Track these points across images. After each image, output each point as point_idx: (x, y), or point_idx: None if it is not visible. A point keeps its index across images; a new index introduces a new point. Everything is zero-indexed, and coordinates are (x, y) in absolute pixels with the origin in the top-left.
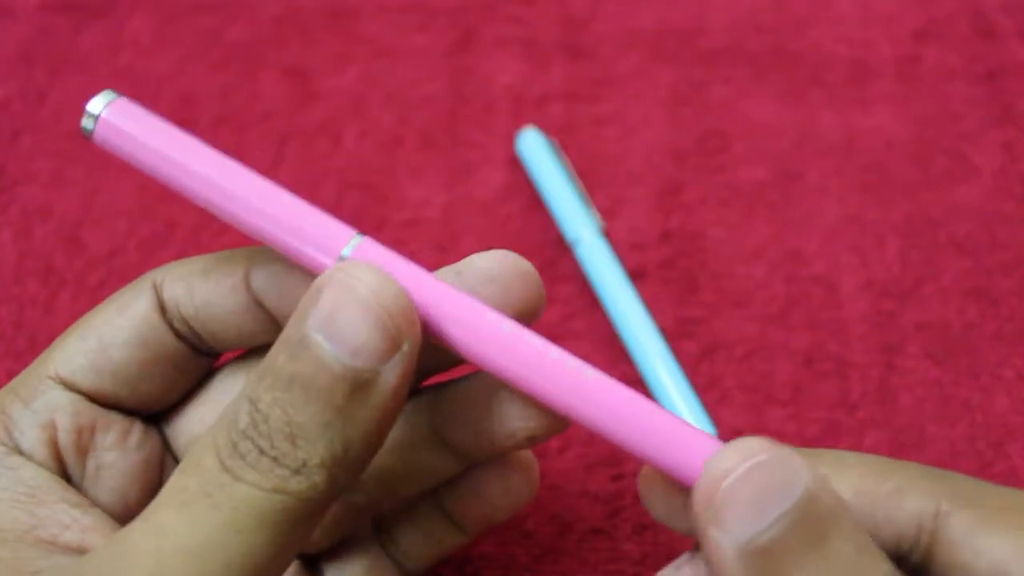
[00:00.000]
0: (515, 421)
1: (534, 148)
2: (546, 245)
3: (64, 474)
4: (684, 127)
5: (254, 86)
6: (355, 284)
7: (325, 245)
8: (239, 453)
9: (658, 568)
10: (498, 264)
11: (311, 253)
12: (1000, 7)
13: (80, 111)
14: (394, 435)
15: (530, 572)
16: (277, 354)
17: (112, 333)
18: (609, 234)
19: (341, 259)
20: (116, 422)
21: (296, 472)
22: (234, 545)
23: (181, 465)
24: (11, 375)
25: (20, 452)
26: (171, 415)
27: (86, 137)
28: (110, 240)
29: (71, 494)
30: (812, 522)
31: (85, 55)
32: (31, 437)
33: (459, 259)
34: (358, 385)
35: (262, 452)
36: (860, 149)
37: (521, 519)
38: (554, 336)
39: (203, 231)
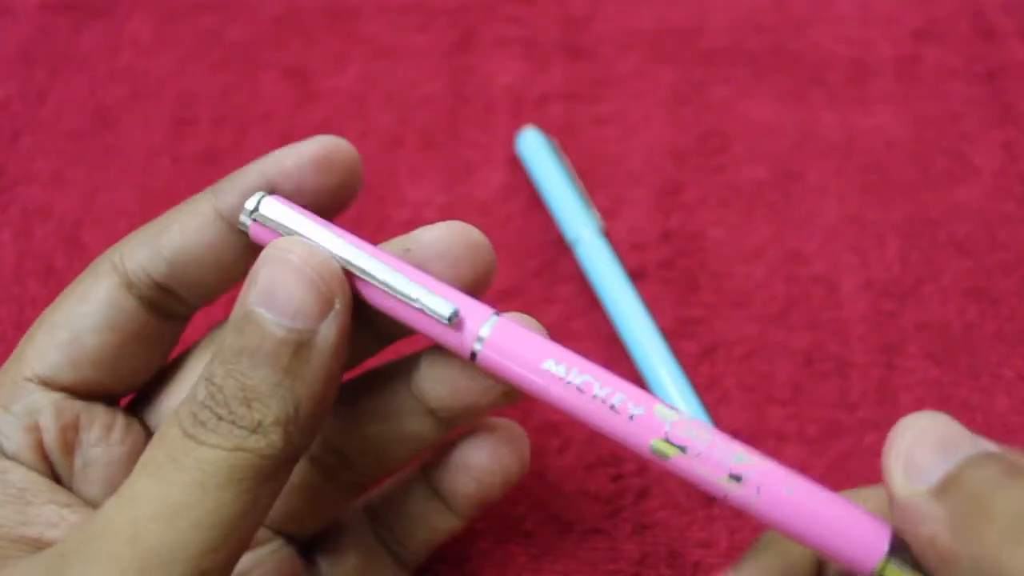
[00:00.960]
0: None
1: (534, 148)
2: (546, 245)
3: (52, 474)
4: (684, 127)
5: (254, 86)
6: (287, 255)
7: (467, 326)
8: (199, 421)
9: (658, 568)
10: (447, 238)
11: (452, 334)
12: (1000, 7)
13: (80, 111)
14: (375, 404)
15: (529, 572)
16: (225, 335)
17: (80, 323)
18: (609, 234)
19: (480, 340)
20: (99, 416)
21: (253, 431)
22: (203, 503)
23: (150, 443)
24: None
25: (5, 455)
26: (150, 403)
27: (243, 230)
28: (110, 240)
29: (60, 495)
30: (1001, 463)
31: (85, 55)
32: (15, 441)
33: None
34: (300, 345)
35: (220, 418)
36: (860, 149)
37: (521, 519)
38: (554, 336)
39: None
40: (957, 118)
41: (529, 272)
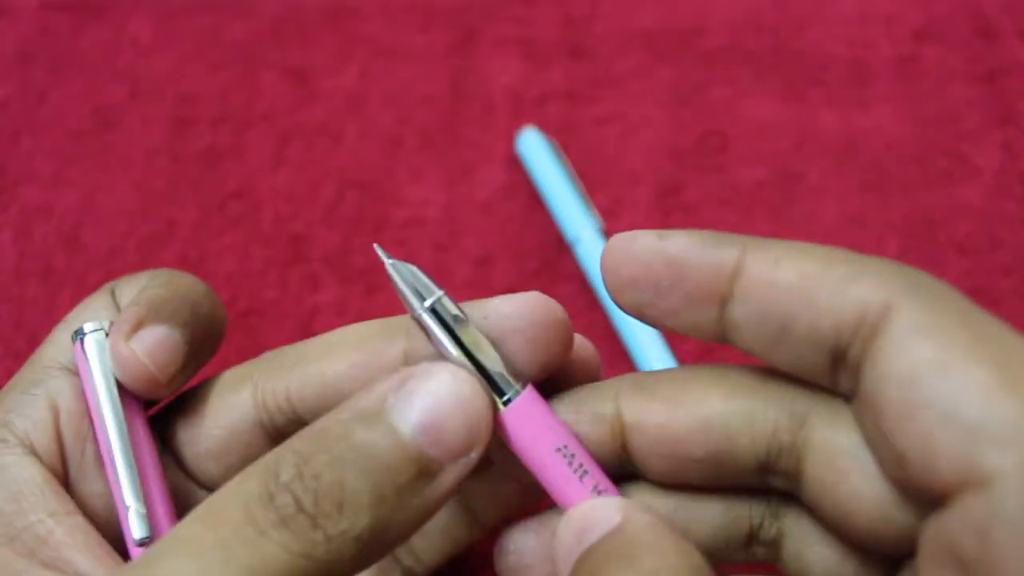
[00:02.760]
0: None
1: (534, 148)
2: (546, 245)
3: (61, 459)
4: (684, 127)
5: (254, 86)
6: (453, 380)
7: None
8: (274, 506)
9: None
10: (524, 312)
11: None
12: (1000, 7)
13: (80, 111)
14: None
15: None
16: (346, 419)
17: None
18: (609, 234)
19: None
20: None
21: (329, 539)
22: None
23: (197, 511)
24: (11, 375)
25: (17, 439)
26: (172, 419)
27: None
28: (110, 240)
29: (51, 500)
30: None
31: (85, 55)
32: (35, 419)
33: (459, 259)
34: (423, 472)
35: (301, 509)
36: (860, 149)
37: None
38: None
39: (203, 231)
40: (957, 118)
41: (529, 272)
